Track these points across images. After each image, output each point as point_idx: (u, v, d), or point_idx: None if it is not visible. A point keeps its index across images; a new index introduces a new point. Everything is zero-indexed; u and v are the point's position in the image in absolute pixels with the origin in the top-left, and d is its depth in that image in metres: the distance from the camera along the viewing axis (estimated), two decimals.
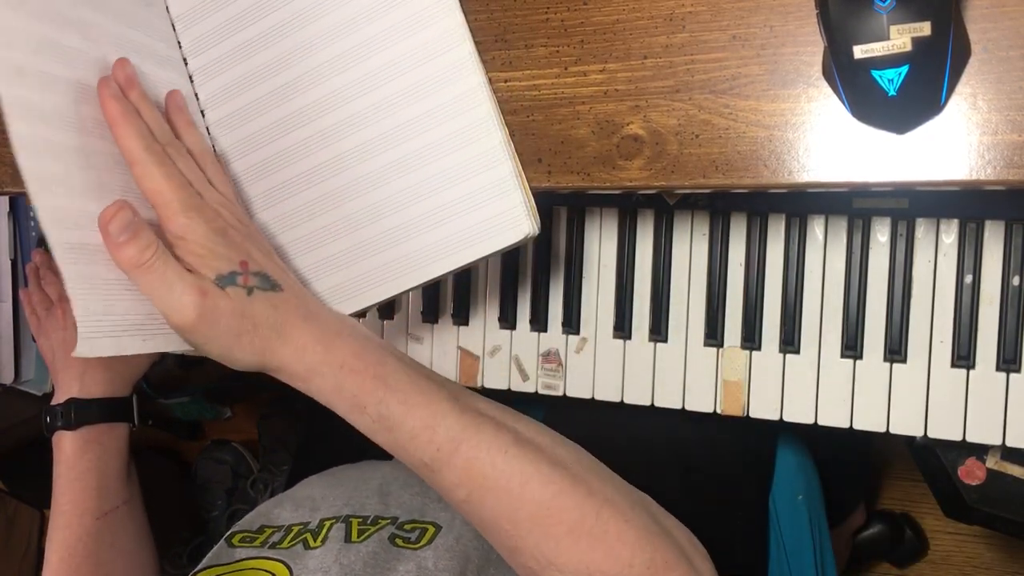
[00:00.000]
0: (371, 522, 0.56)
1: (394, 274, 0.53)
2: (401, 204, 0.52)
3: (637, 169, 0.49)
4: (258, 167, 0.55)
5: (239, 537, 0.58)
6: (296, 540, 0.55)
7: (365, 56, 0.52)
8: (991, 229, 0.59)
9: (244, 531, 0.59)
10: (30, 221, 0.89)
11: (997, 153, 0.43)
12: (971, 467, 0.69)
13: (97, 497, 0.72)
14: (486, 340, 0.71)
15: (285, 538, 0.56)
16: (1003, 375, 0.59)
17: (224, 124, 0.56)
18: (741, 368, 0.64)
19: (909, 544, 1.22)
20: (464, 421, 0.45)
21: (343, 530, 0.55)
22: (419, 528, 0.55)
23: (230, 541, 0.58)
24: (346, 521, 0.56)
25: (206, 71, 0.56)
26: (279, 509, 0.62)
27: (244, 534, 0.58)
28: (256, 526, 0.59)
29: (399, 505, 0.58)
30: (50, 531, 0.72)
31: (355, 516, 0.57)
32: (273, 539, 0.57)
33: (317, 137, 0.54)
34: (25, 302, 0.81)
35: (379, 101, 0.52)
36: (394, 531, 0.54)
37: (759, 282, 0.64)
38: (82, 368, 0.75)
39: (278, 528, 0.58)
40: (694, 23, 0.48)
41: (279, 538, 0.57)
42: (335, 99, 0.53)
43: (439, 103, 0.51)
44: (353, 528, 0.55)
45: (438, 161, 0.51)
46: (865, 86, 0.43)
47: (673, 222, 0.66)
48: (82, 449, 0.73)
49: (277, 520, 0.60)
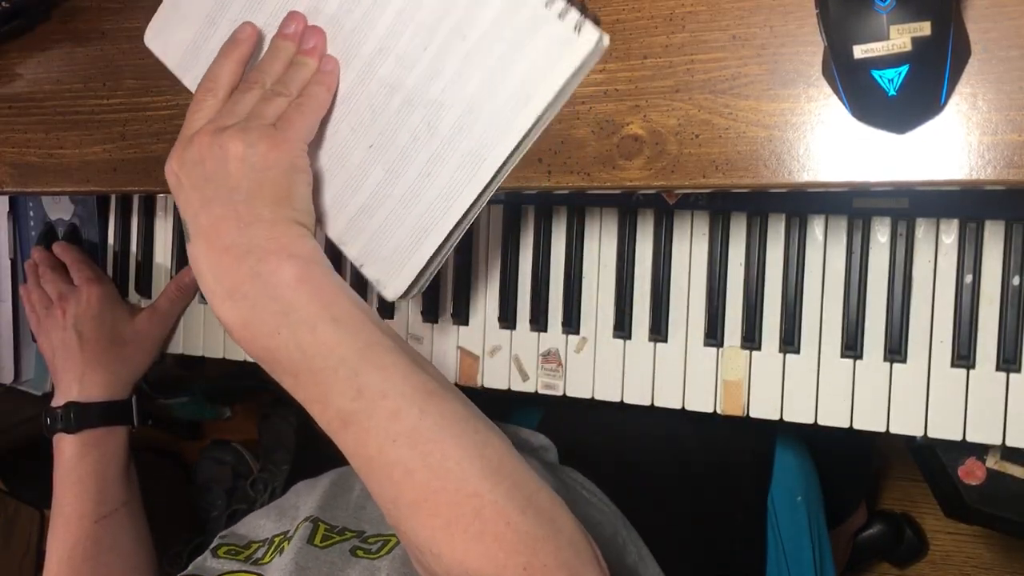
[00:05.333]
0: (338, 532, 0.57)
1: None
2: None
3: (637, 169, 0.49)
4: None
5: (225, 549, 0.58)
6: (276, 552, 0.56)
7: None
8: (991, 229, 0.59)
9: (231, 544, 0.59)
10: (29, 221, 0.89)
11: (997, 153, 0.43)
12: (971, 467, 0.69)
13: (97, 500, 0.72)
14: (486, 340, 0.71)
15: (268, 552, 0.57)
16: (1003, 375, 0.59)
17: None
18: (741, 368, 0.64)
19: (909, 544, 1.22)
20: (358, 404, 0.44)
21: (309, 530, 0.55)
22: (382, 540, 0.55)
23: (216, 552, 0.58)
24: (314, 522, 0.57)
25: None
26: (265, 520, 0.63)
27: (231, 547, 0.59)
28: (244, 541, 0.60)
29: (370, 520, 0.58)
30: (50, 533, 0.72)
31: (324, 522, 0.57)
32: (257, 555, 0.57)
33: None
34: (25, 300, 0.81)
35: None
36: (357, 543, 0.55)
37: (759, 282, 0.64)
38: (82, 370, 0.75)
39: (263, 542, 0.59)
40: (694, 23, 0.48)
41: (262, 553, 0.57)
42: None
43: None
44: (319, 532, 0.56)
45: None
46: (865, 86, 0.43)
47: (673, 222, 0.66)
48: (82, 452, 0.73)
49: (263, 533, 0.61)
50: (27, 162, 0.68)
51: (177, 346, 0.82)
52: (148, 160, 0.63)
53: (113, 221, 0.85)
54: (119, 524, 0.74)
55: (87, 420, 0.73)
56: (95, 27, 0.65)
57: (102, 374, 0.75)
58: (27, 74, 0.68)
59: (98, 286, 0.77)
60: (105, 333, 0.76)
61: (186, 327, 0.82)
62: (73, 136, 0.66)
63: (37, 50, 0.67)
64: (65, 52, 0.66)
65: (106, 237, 0.85)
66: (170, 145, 0.62)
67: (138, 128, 0.64)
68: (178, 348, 0.83)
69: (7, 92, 0.68)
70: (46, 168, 0.67)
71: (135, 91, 0.64)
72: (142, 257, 0.83)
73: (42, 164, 0.67)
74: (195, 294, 0.81)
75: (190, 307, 0.81)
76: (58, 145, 0.67)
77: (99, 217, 0.85)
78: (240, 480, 1.38)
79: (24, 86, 0.68)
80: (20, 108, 0.68)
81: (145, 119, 0.63)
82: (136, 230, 0.84)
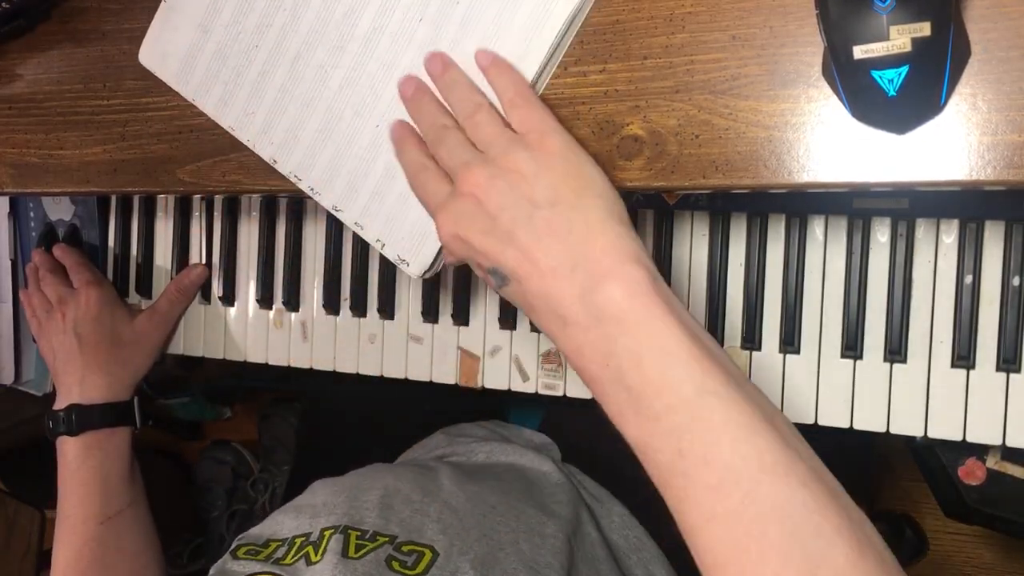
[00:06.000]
0: (369, 537, 0.55)
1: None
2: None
3: (637, 169, 0.49)
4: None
5: (244, 550, 0.57)
6: (299, 555, 0.55)
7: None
8: (991, 229, 0.59)
9: (250, 544, 0.58)
10: (30, 221, 0.89)
11: (997, 153, 0.43)
12: (971, 467, 0.69)
13: (101, 501, 0.72)
14: (486, 340, 0.71)
15: (288, 553, 0.56)
16: (1003, 375, 0.59)
17: None
18: (741, 368, 0.64)
19: (909, 544, 1.22)
20: (677, 464, 0.38)
21: (341, 542, 0.54)
22: (416, 552, 0.53)
23: (235, 554, 0.57)
24: (344, 532, 0.56)
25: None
26: (283, 517, 0.61)
27: (250, 547, 0.58)
28: (262, 540, 0.59)
29: (399, 522, 0.57)
30: (56, 537, 0.72)
31: (353, 528, 0.56)
32: (277, 554, 0.56)
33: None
34: (25, 304, 0.81)
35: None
36: (391, 552, 0.54)
37: (759, 282, 0.64)
38: (82, 373, 0.75)
39: (282, 542, 0.58)
40: (694, 23, 0.48)
41: (283, 553, 0.56)
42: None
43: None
44: (351, 542, 0.55)
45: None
46: (865, 86, 0.43)
47: (673, 222, 0.66)
48: (84, 454, 0.73)
49: (281, 532, 0.60)
50: (27, 163, 0.68)
51: (177, 346, 0.83)
52: (148, 160, 0.63)
53: (113, 222, 0.85)
54: (125, 525, 0.74)
55: (89, 422, 0.73)
56: (95, 27, 0.65)
57: (102, 376, 0.75)
58: (27, 74, 0.68)
59: (97, 289, 0.77)
60: (105, 335, 0.76)
61: (186, 327, 0.82)
62: (73, 137, 0.66)
63: (37, 50, 0.67)
64: (65, 52, 0.66)
65: (106, 238, 0.85)
66: (170, 145, 0.63)
67: (138, 129, 0.64)
68: (178, 348, 0.83)
69: (7, 92, 0.68)
70: (46, 169, 0.67)
71: (135, 91, 0.64)
72: (142, 258, 0.83)
73: (42, 165, 0.67)
74: (195, 295, 0.81)
75: (190, 308, 0.81)
76: (58, 146, 0.67)
77: (99, 218, 0.85)
78: (240, 480, 1.39)
79: (24, 86, 0.68)
80: (20, 108, 0.68)
81: (145, 119, 0.63)
82: (136, 231, 0.84)
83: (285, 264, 0.77)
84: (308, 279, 0.77)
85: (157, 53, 0.61)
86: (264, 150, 0.58)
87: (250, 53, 0.58)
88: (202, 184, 0.62)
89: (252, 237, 0.79)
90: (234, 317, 0.80)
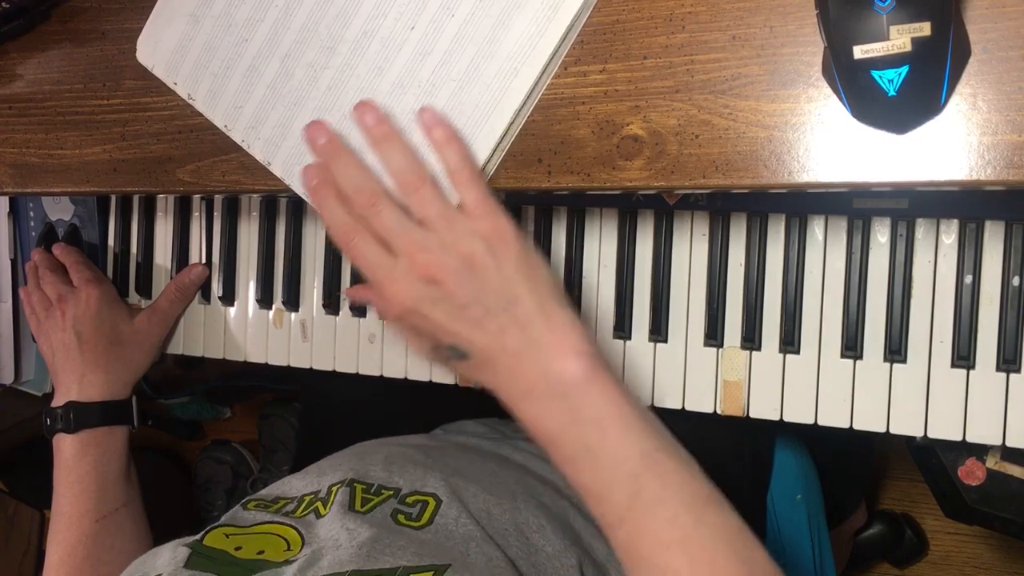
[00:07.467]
0: (374, 491, 0.56)
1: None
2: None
3: (637, 169, 0.49)
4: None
5: (254, 504, 0.58)
6: (308, 509, 0.56)
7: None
8: (991, 229, 0.59)
9: (259, 499, 0.59)
10: (30, 221, 0.89)
11: (997, 153, 0.43)
12: (971, 467, 0.69)
13: (97, 499, 0.72)
14: None
15: (298, 507, 0.57)
16: (1003, 375, 0.59)
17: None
18: (741, 368, 0.64)
19: (909, 544, 1.22)
20: (634, 505, 0.46)
21: (348, 495, 0.55)
22: (421, 501, 0.55)
23: (245, 506, 0.58)
24: (350, 486, 0.56)
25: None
26: (292, 479, 0.63)
27: (259, 501, 0.59)
28: (271, 497, 0.60)
29: (403, 475, 0.58)
30: (50, 533, 0.72)
31: (359, 482, 0.57)
32: (287, 508, 0.57)
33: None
34: (25, 301, 0.81)
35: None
36: (396, 505, 0.55)
37: (759, 282, 0.64)
38: (81, 371, 0.75)
39: (291, 499, 0.59)
40: (694, 23, 0.48)
41: (293, 508, 0.57)
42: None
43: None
44: (357, 495, 0.56)
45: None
46: (865, 86, 0.43)
47: (673, 222, 0.66)
48: (81, 452, 0.73)
49: (290, 492, 0.61)
50: (27, 162, 0.68)
51: (177, 346, 0.83)
52: (148, 160, 0.63)
53: (113, 222, 0.85)
54: (119, 524, 0.74)
55: (86, 420, 0.73)
56: (95, 27, 0.65)
57: (101, 374, 0.75)
58: (27, 74, 0.68)
59: (97, 287, 0.77)
60: (104, 334, 0.76)
61: (186, 327, 0.82)
62: (73, 136, 0.66)
63: (37, 50, 0.67)
64: (65, 52, 0.66)
65: (106, 238, 0.85)
66: (170, 145, 0.63)
67: (138, 128, 0.64)
68: (178, 348, 0.83)
69: (7, 92, 0.68)
70: (46, 168, 0.67)
71: (135, 91, 0.64)
72: (142, 258, 0.83)
73: (42, 164, 0.67)
74: (195, 294, 0.81)
75: (190, 307, 0.81)
76: (58, 145, 0.67)
77: (99, 217, 0.85)
78: (240, 480, 1.39)
79: (24, 86, 0.68)
80: (20, 108, 0.68)
81: (145, 119, 0.63)
82: (136, 231, 0.84)
83: (285, 264, 0.77)
84: (308, 279, 0.77)
85: (151, 43, 0.61)
86: (254, 146, 0.58)
87: (240, 47, 0.58)
88: (202, 184, 0.62)
89: (252, 237, 0.79)
90: (234, 317, 0.80)
